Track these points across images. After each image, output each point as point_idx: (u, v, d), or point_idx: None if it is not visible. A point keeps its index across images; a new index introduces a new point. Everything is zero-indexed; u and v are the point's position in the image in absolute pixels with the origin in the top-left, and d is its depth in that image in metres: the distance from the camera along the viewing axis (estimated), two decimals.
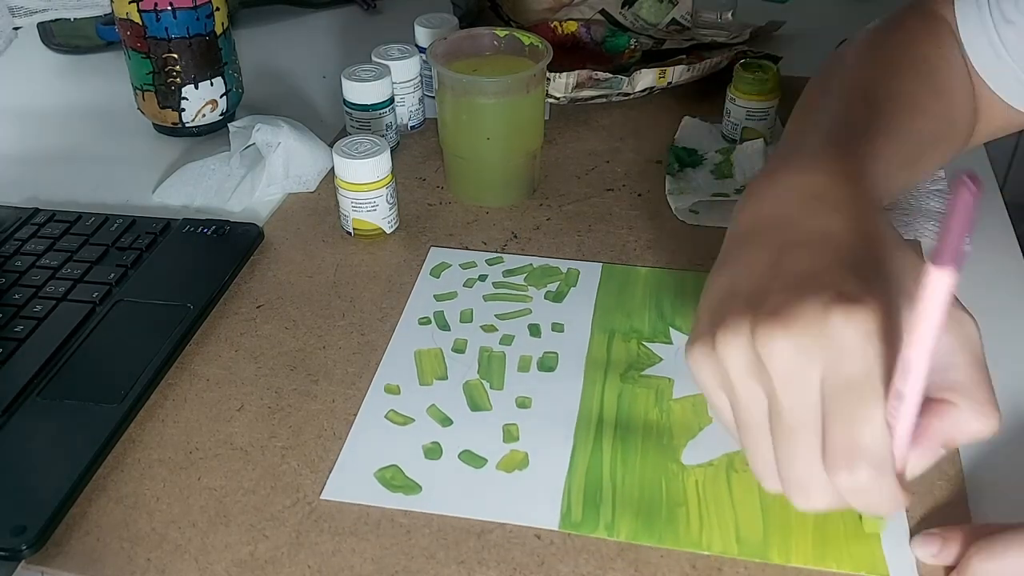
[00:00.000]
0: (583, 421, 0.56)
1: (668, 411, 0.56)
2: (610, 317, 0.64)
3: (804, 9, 1.11)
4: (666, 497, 0.51)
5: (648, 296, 0.66)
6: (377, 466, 0.53)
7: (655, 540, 0.49)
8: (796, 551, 0.48)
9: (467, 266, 0.70)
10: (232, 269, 0.68)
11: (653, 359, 0.61)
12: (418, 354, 0.61)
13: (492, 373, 0.60)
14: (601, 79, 0.86)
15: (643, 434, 0.55)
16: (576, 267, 0.69)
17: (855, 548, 0.48)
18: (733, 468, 0.52)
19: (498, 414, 0.57)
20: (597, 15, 1.03)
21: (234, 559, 0.48)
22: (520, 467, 0.53)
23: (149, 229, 0.72)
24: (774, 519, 0.49)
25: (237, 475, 0.53)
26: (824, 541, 0.48)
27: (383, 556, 0.48)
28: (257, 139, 0.77)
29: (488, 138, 0.74)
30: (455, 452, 0.54)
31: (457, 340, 0.62)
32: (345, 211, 0.72)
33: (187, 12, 0.81)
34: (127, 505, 0.51)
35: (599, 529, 0.49)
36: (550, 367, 0.60)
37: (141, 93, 0.85)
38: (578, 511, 0.50)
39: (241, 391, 0.59)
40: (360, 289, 0.68)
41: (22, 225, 0.73)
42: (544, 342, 0.62)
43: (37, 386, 0.58)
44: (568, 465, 0.53)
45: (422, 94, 0.87)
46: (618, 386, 0.58)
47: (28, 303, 0.64)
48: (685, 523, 0.49)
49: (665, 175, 0.80)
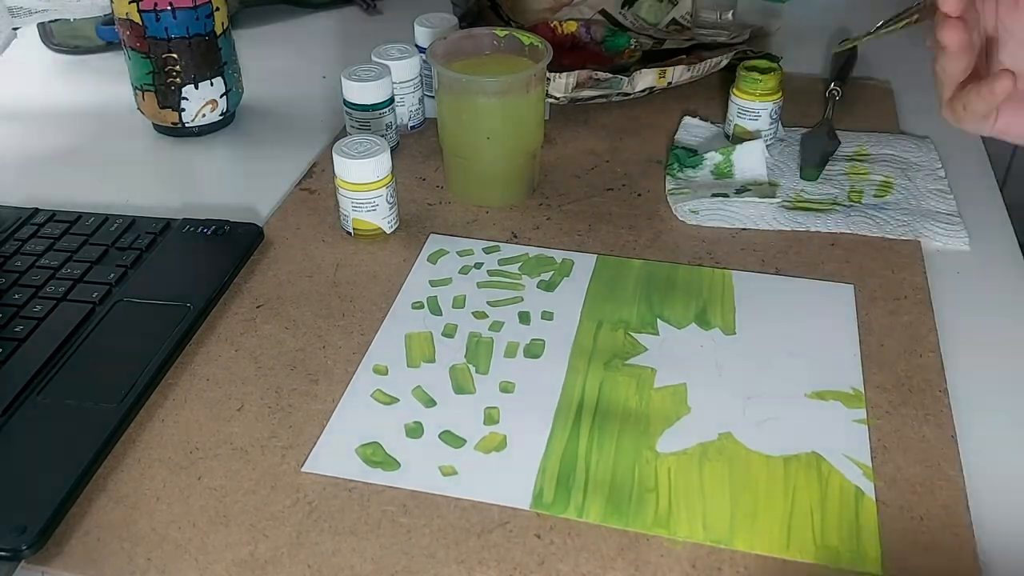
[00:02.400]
0: (563, 407, 0.57)
1: (648, 399, 0.57)
2: (600, 307, 0.65)
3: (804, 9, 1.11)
4: (637, 482, 0.52)
5: (639, 288, 0.67)
6: (359, 442, 0.55)
7: (623, 523, 0.50)
8: (761, 540, 0.49)
9: (464, 253, 0.71)
10: (232, 269, 0.68)
11: (638, 349, 0.61)
12: (408, 337, 0.63)
13: (479, 358, 0.61)
14: (601, 79, 0.86)
15: (621, 421, 0.56)
16: (571, 258, 0.70)
17: (821, 539, 0.49)
18: (706, 457, 0.54)
19: (481, 397, 0.58)
20: (597, 15, 1.03)
21: (234, 559, 0.48)
22: (498, 449, 0.54)
23: (149, 229, 0.72)
24: (742, 508, 0.51)
25: (237, 475, 0.53)
26: (790, 532, 0.49)
27: (383, 556, 0.48)
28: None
29: (488, 138, 0.74)
30: (435, 432, 0.56)
31: (448, 325, 0.64)
32: (345, 211, 0.72)
33: (187, 12, 0.81)
34: (127, 505, 0.51)
35: (569, 510, 0.50)
36: (536, 354, 0.61)
37: (141, 93, 0.85)
38: (550, 493, 0.51)
39: (241, 391, 0.59)
40: (360, 289, 0.68)
41: (22, 225, 0.73)
42: (532, 329, 0.63)
43: (37, 386, 0.58)
44: (544, 448, 0.54)
45: (422, 94, 0.87)
46: (601, 374, 0.59)
47: (28, 303, 0.64)
48: (654, 508, 0.51)
49: (665, 175, 0.80)
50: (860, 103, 0.91)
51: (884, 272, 0.68)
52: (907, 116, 0.89)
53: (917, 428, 0.55)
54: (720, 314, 0.64)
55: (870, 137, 0.84)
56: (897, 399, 0.57)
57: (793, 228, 0.73)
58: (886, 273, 0.68)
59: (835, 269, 0.68)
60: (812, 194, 0.76)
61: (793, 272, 0.68)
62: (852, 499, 0.51)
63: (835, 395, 0.57)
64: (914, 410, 0.56)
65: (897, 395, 0.58)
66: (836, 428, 0.55)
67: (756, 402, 0.57)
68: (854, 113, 0.89)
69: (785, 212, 0.74)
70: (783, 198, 0.76)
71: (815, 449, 0.54)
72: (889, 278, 0.67)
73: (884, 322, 0.63)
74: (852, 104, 0.90)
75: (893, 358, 0.60)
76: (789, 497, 0.51)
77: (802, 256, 0.70)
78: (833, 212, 0.74)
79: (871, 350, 0.61)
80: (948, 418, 0.56)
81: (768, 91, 0.81)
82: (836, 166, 0.80)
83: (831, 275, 0.68)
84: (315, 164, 0.83)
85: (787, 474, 0.52)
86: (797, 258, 0.70)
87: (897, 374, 0.59)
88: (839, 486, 0.52)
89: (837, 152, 0.82)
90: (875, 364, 0.60)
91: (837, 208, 0.74)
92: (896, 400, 0.57)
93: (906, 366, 0.60)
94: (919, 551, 0.48)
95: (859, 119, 0.88)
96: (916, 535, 0.49)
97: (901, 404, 0.57)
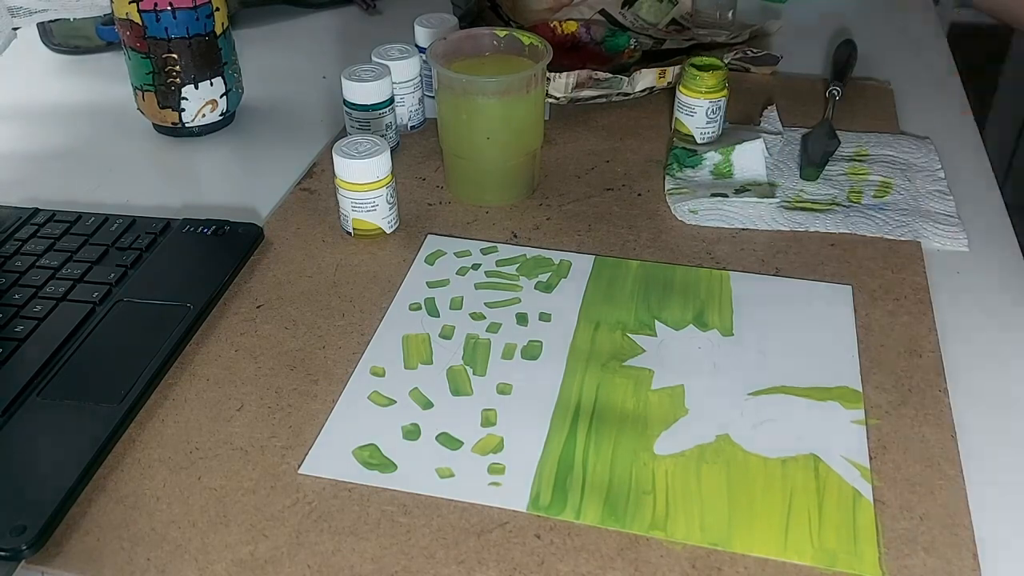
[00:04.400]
0: (561, 408, 0.57)
1: (645, 401, 0.57)
2: (597, 308, 0.65)
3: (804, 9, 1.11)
4: (634, 484, 0.52)
5: (637, 289, 0.67)
6: (356, 444, 0.55)
7: (620, 525, 0.50)
8: (759, 542, 0.49)
9: (462, 254, 0.71)
10: (232, 269, 0.69)
11: (636, 350, 0.61)
12: (406, 339, 0.63)
13: (476, 359, 0.61)
14: (601, 79, 0.86)
15: (619, 423, 0.56)
16: (568, 259, 0.70)
17: (818, 542, 0.49)
18: (704, 459, 0.53)
19: (478, 399, 0.58)
20: (597, 15, 1.03)
21: (234, 559, 0.48)
22: (495, 451, 0.54)
23: (149, 229, 0.72)
24: (740, 510, 0.50)
25: (237, 475, 0.53)
26: (787, 534, 0.49)
27: (383, 556, 0.48)
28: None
29: (488, 138, 0.74)
30: (433, 434, 0.55)
31: (445, 326, 0.64)
32: (345, 211, 0.72)
33: (187, 12, 0.81)
34: (127, 505, 0.52)
35: (566, 512, 0.50)
36: (534, 355, 0.61)
37: (141, 93, 0.85)
38: (547, 495, 0.51)
39: (241, 391, 0.59)
40: (360, 289, 0.68)
41: (22, 225, 0.73)
42: (530, 331, 0.63)
43: (37, 386, 0.58)
44: (541, 450, 0.54)
45: (422, 94, 0.87)
46: (598, 375, 0.59)
47: (28, 303, 0.64)
48: (651, 510, 0.50)
49: (665, 175, 0.80)
50: (860, 103, 0.91)
51: (884, 272, 0.68)
52: (907, 116, 0.89)
53: (917, 428, 0.55)
54: (718, 315, 0.64)
55: (870, 137, 0.84)
56: (897, 399, 0.57)
57: (792, 228, 0.73)
58: (886, 273, 0.68)
59: (834, 269, 0.68)
60: (812, 194, 0.76)
61: (793, 272, 0.68)
62: (850, 501, 0.51)
63: (833, 396, 0.57)
64: (914, 410, 0.56)
65: (897, 395, 0.58)
66: (834, 429, 0.55)
67: (753, 403, 0.57)
68: (854, 113, 0.89)
69: (784, 212, 0.74)
70: (782, 198, 0.76)
71: (813, 451, 0.54)
72: (889, 278, 0.67)
73: (884, 322, 0.63)
74: (852, 104, 0.90)
75: (893, 358, 0.60)
76: (786, 499, 0.51)
77: (801, 256, 0.70)
78: (832, 212, 0.74)
79: (871, 350, 0.61)
80: (948, 418, 0.56)
81: (709, 89, 0.80)
82: (836, 166, 0.80)
83: (831, 275, 0.68)
84: (315, 164, 0.83)
85: (784, 476, 0.52)
86: (797, 258, 0.70)
87: (897, 374, 0.59)
88: (836, 488, 0.52)
89: (837, 152, 0.82)
90: (875, 364, 0.60)
91: (836, 208, 0.74)
92: (896, 400, 0.57)
93: (906, 366, 0.60)
94: (919, 551, 0.48)
95: (859, 119, 0.88)
96: (916, 535, 0.49)
97: (901, 404, 0.57)
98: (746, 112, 0.89)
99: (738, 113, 0.89)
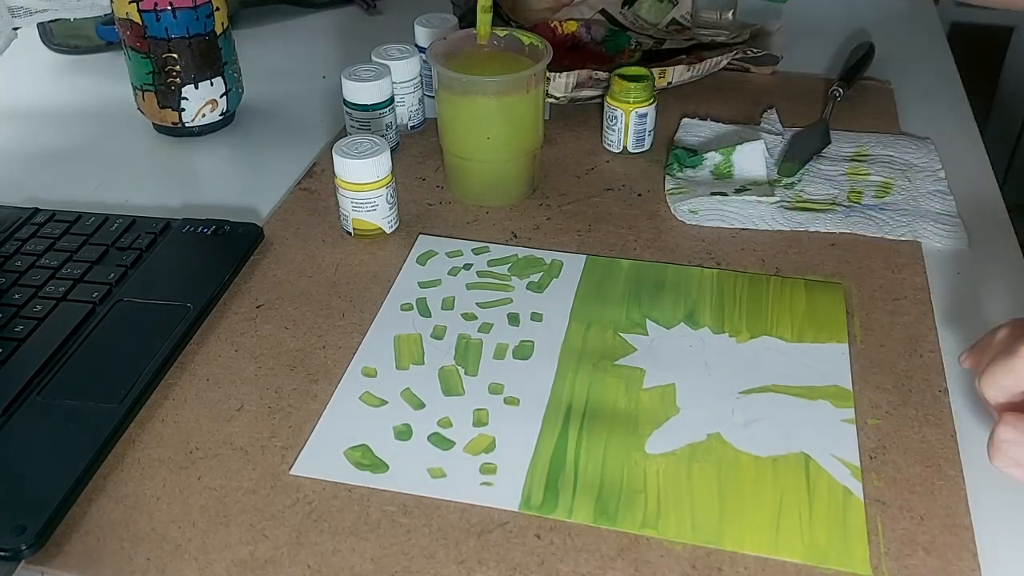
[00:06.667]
0: (552, 408, 0.57)
1: (637, 400, 0.57)
2: (589, 308, 0.65)
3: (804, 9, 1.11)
4: (626, 484, 0.52)
5: (628, 288, 0.67)
6: (347, 445, 0.55)
7: (611, 524, 0.50)
8: (750, 540, 0.49)
9: (453, 255, 0.71)
10: (232, 269, 0.68)
11: (627, 349, 0.61)
12: (397, 339, 0.63)
13: (468, 360, 0.61)
14: (601, 79, 0.86)
15: (610, 422, 0.56)
16: (560, 259, 0.70)
17: (809, 540, 0.49)
18: (695, 458, 0.54)
19: (470, 399, 0.58)
20: (597, 15, 1.03)
21: (234, 559, 0.48)
22: (487, 451, 0.54)
23: (149, 229, 0.72)
24: (731, 508, 0.51)
25: (237, 475, 0.53)
26: (778, 532, 0.49)
27: (383, 556, 0.48)
28: None
29: (488, 138, 0.74)
30: (424, 434, 0.55)
31: (437, 327, 0.64)
32: (345, 211, 0.72)
33: (187, 12, 0.81)
34: (127, 505, 0.52)
35: (558, 511, 0.50)
36: (525, 355, 0.61)
37: (141, 93, 0.85)
38: (539, 495, 0.51)
39: (241, 391, 0.59)
40: (360, 289, 0.68)
41: (22, 225, 0.73)
42: (522, 331, 0.63)
43: (37, 386, 0.58)
44: (533, 450, 0.54)
45: (422, 94, 0.87)
46: (590, 375, 0.59)
47: (28, 303, 0.64)
48: (643, 509, 0.51)
49: (665, 175, 0.80)
50: (860, 103, 0.91)
51: (884, 272, 0.68)
52: (907, 117, 0.89)
53: (917, 428, 0.55)
54: (709, 314, 0.64)
55: (870, 138, 0.84)
56: (897, 399, 0.57)
57: (793, 228, 0.73)
58: (886, 273, 0.68)
59: (834, 269, 0.68)
60: (812, 194, 0.76)
61: (792, 272, 0.68)
62: (840, 499, 0.51)
63: (823, 395, 0.57)
64: (914, 410, 0.56)
65: (897, 395, 0.58)
66: (824, 428, 0.55)
67: (744, 402, 0.57)
68: (854, 113, 0.89)
69: (785, 212, 0.74)
70: (782, 198, 0.76)
71: (803, 449, 0.54)
72: (889, 278, 0.67)
73: (884, 322, 0.63)
74: (852, 104, 0.90)
75: (893, 358, 0.60)
76: (777, 498, 0.51)
77: (802, 256, 0.70)
78: (833, 212, 0.74)
79: (871, 350, 0.61)
80: (948, 418, 0.56)
81: (638, 100, 0.80)
82: (836, 167, 0.80)
83: (831, 275, 0.68)
84: (315, 164, 0.83)
85: (775, 475, 0.52)
86: (797, 258, 0.70)
87: (897, 374, 0.59)
88: (827, 486, 0.52)
89: (837, 153, 0.82)
90: (875, 364, 0.60)
91: (837, 208, 0.74)
92: (896, 400, 0.57)
93: (906, 366, 0.60)
94: (919, 551, 0.48)
95: (859, 119, 0.88)
96: (916, 535, 0.49)
97: (901, 404, 0.57)
98: (746, 112, 0.89)
99: (738, 113, 0.89)
